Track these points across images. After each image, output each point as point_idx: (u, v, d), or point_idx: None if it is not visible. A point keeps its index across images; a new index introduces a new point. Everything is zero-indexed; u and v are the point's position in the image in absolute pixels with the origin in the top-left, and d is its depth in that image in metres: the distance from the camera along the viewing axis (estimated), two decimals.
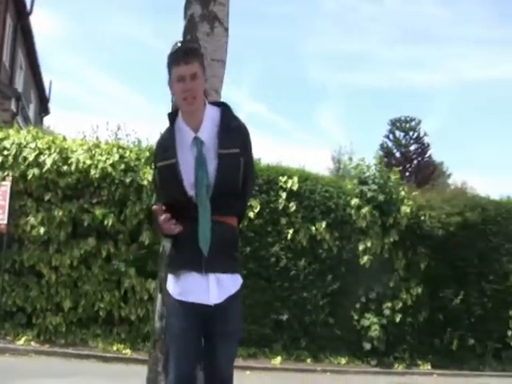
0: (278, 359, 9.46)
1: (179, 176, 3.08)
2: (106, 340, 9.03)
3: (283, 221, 10.03)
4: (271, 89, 62.77)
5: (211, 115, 3.17)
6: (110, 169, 9.29)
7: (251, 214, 9.76)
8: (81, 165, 9.22)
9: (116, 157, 9.47)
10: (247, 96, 59.61)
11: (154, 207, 3.10)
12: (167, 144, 3.18)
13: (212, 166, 3.08)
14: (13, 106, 12.91)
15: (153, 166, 3.36)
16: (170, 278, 3.22)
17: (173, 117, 3.23)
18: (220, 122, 3.15)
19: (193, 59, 3.08)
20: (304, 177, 10.42)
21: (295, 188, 10.13)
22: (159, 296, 3.82)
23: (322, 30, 59.28)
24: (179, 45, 3.15)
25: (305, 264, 10.00)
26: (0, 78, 14.30)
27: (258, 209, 9.87)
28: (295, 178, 10.21)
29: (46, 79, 23.13)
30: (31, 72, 20.66)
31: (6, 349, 8.28)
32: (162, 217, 3.06)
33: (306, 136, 60.06)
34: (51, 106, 25.63)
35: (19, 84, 18.72)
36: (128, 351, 8.86)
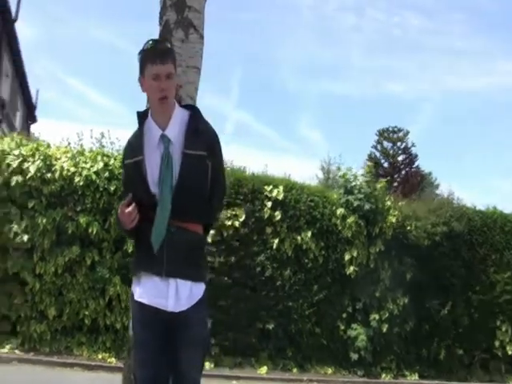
0: (265, 369, 9.39)
1: (144, 173, 3.10)
2: (90, 348, 8.94)
3: (268, 230, 9.98)
4: (254, 98, 62.87)
5: (181, 116, 3.20)
6: (94, 176, 9.24)
7: (236, 224, 9.73)
8: (65, 172, 9.17)
9: (100, 165, 9.43)
10: (234, 104, 59.55)
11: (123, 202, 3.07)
12: (135, 142, 3.21)
13: (177, 165, 3.08)
14: None
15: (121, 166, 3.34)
16: (133, 281, 3.20)
17: (142, 116, 3.24)
18: (188, 124, 3.16)
19: (168, 59, 3.13)
20: (289, 186, 10.39)
21: (280, 197, 10.08)
22: None
23: (302, 39, 59.50)
24: (153, 43, 3.18)
25: (290, 273, 9.95)
26: None
27: (242, 218, 9.82)
28: (280, 188, 10.17)
29: (34, 87, 23.06)
30: (17, 80, 20.55)
31: None
32: (120, 206, 3.05)
33: (289, 145, 60.12)
34: (38, 113, 25.58)
35: (5, 92, 18.61)
36: (113, 360, 8.77)
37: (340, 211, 10.41)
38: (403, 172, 24.83)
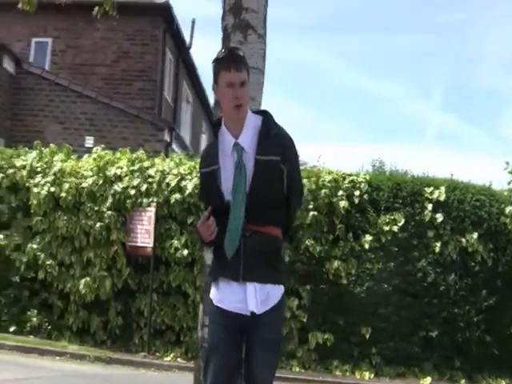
0: (428, 379, 8.93)
1: (219, 182, 3.11)
2: None
3: (430, 233, 9.51)
4: (458, 99, 60.38)
5: (253, 123, 3.18)
6: None
7: (395, 228, 9.42)
8: None
9: None
10: (437, 108, 57.76)
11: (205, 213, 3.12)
12: (211, 151, 3.25)
13: (250, 172, 3.07)
14: (166, 137, 13.77)
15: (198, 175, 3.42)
16: (212, 285, 3.23)
17: (216, 125, 3.27)
18: (260, 130, 3.14)
19: (242, 67, 3.14)
20: (452, 186, 9.84)
21: (442, 198, 9.57)
22: (201, 306, 3.85)
23: (507, 32, 56.29)
24: (226, 51, 3.23)
25: (455, 278, 9.38)
26: (162, 111, 15.27)
27: (402, 222, 9.48)
28: (442, 189, 9.66)
29: None
30: (200, 104, 21.73)
31: (151, 364, 8.75)
32: (201, 220, 3.08)
33: (496, 146, 56.99)
34: None
35: (187, 117, 19.78)
36: None
37: (509, 209, 9.65)
38: None
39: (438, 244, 9.44)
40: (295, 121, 57.52)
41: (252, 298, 3.05)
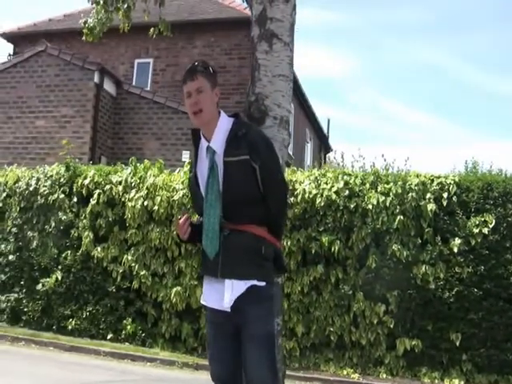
0: None
1: (198, 185, 3.36)
2: (337, 364, 9.15)
3: None
4: None
5: (225, 126, 3.35)
6: (334, 196, 9.50)
7: (485, 230, 9.11)
8: (307, 195, 9.59)
9: (341, 184, 9.65)
10: None
11: (183, 213, 3.42)
12: (192, 158, 3.51)
13: (221, 173, 3.26)
14: None
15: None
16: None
17: (196, 133, 3.46)
18: (229, 132, 3.30)
19: (197, 75, 3.33)
20: None
21: None
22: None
23: None
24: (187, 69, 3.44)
25: None
26: None
27: (493, 224, 9.14)
28: None
29: (334, 115, 24.32)
30: (302, 112, 21.82)
31: None
32: (180, 219, 3.34)
33: None
34: (337, 141, 26.88)
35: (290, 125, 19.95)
36: (356, 375, 8.86)
37: None
38: None
39: None
40: (427, 126, 56.17)
41: (228, 295, 3.18)
